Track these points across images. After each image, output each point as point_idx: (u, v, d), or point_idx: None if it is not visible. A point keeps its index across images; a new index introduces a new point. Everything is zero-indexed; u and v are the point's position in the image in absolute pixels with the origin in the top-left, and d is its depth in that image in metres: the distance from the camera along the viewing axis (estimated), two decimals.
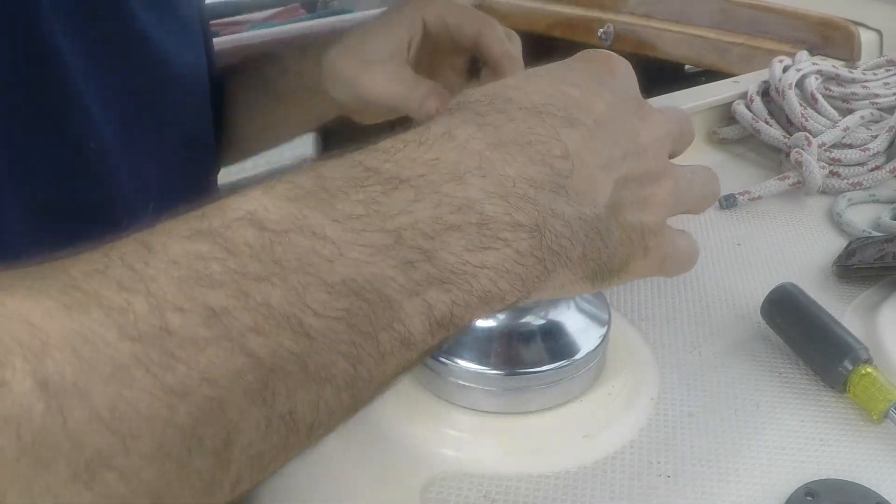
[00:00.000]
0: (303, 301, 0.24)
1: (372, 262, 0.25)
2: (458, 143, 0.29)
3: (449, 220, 0.27)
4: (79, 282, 0.23)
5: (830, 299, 0.62)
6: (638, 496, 0.46)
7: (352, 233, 0.25)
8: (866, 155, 0.81)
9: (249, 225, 0.25)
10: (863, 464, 0.48)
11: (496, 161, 0.29)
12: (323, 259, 0.25)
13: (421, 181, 0.27)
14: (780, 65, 0.92)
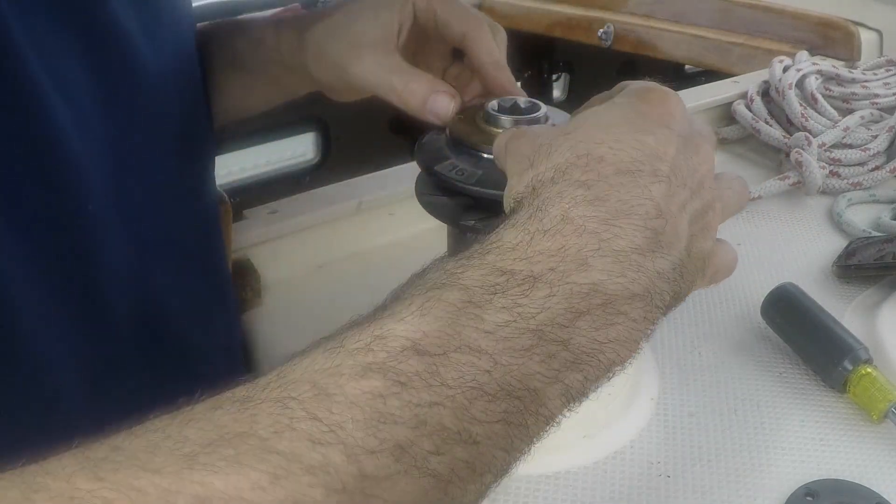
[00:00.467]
0: (469, 414, 0.27)
1: (521, 362, 0.28)
2: (576, 227, 0.31)
3: (579, 307, 0.30)
4: (272, 443, 0.24)
5: (830, 299, 0.62)
6: (638, 496, 0.46)
7: (502, 341, 0.28)
8: (866, 155, 0.81)
9: (414, 353, 0.27)
10: (863, 464, 0.48)
11: (610, 238, 0.31)
12: (481, 371, 0.27)
13: (552, 275, 0.30)
14: (780, 65, 0.92)
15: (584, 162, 0.33)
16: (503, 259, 0.30)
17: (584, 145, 0.34)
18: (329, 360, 0.27)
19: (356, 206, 0.72)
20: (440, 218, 0.47)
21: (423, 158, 0.47)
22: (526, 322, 0.29)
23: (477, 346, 0.28)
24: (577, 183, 0.33)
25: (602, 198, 0.32)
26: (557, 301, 0.30)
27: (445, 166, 0.46)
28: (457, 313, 0.28)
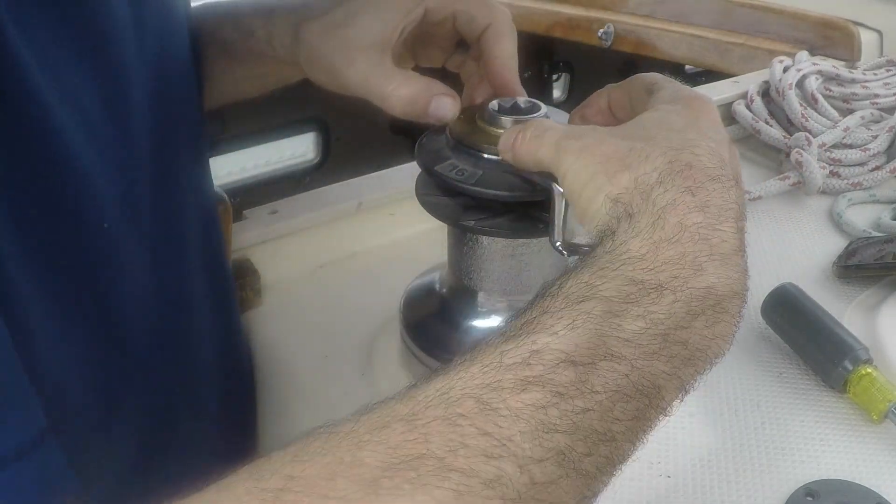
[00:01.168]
0: (612, 415, 0.30)
1: (651, 364, 0.31)
2: (692, 234, 0.34)
3: (696, 309, 0.33)
4: (449, 461, 0.26)
5: (830, 299, 0.62)
6: (638, 496, 0.46)
7: (638, 347, 0.31)
8: (866, 155, 0.81)
9: (568, 366, 0.29)
10: (863, 464, 0.48)
11: (718, 242, 0.35)
12: (622, 375, 0.30)
13: (676, 283, 0.33)
14: (780, 65, 0.92)
15: (679, 168, 0.36)
16: (634, 269, 0.33)
17: (671, 151, 0.36)
18: (488, 376, 0.29)
19: (356, 206, 0.72)
20: (440, 218, 0.47)
21: (423, 158, 0.47)
22: (656, 327, 0.32)
23: (619, 354, 0.30)
24: (685, 189, 0.35)
25: (706, 204, 0.35)
26: (680, 306, 0.33)
27: (445, 166, 0.46)
28: (601, 324, 0.31)
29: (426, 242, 0.66)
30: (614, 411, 0.30)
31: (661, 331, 0.32)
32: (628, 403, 0.30)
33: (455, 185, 0.45)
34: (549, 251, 0.49)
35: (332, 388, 0.57)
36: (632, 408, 0.30)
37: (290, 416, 0.58)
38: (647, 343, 0.31)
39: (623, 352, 0.30)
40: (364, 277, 0.69)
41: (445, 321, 0.52)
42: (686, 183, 0.35)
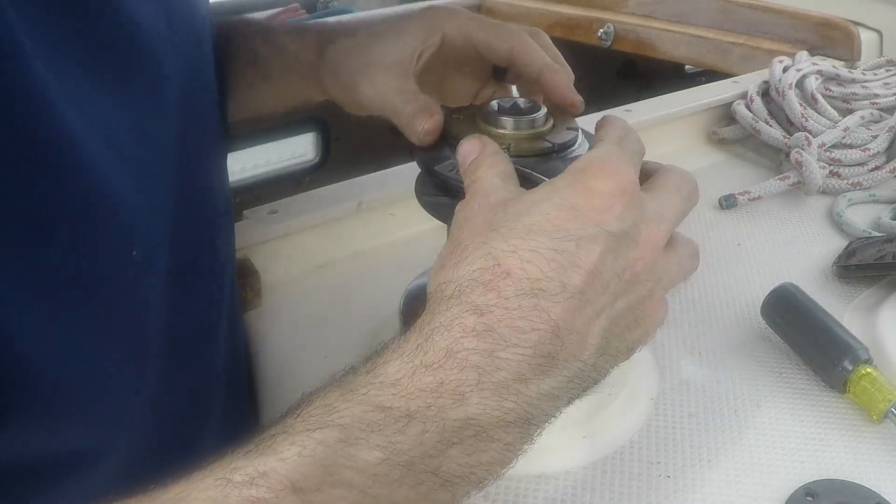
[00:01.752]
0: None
1: (389, 491, 0.31)
2: (459, 361, 0.32)
3: (451, 439, 0.32)
4: None
5: (830, 299, 0.62)
6: (638, 496, 0.46)
7: (373, 477, 0.31)
8: (866, 155, 0.81)
9: (292, 492, 0.29)
10: (863, 464, 0.48)
11: (492, 371, 0.33)
12: (351, 501, 0.30)
13: (428, 412, 0.32)
14: (780, 65, 0.92)
15: (489, 277, 0.34)
16: (383, 395, 0.32)
17: (498, 253, 0.35)
18: (218, 490, 0.29)
19: (356, 206, 0.72)
20: (440, 218, 0.47)
21: (423, 158, 0.47)
22: (398, 457, 0.31)
23: (349, 482, 0.30)
24: (472, 308, 0.33)
25: (492, 328, 0.33)
26: (430, 436, 0.32)
27: (445, 166, 0.46)
28: (333, 454, 0.30)
29: (426, 242, 0.66)
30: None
31: (404, 460, 0.31)
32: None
33: (454, 185, 0.45)
34: None
35: None
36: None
37: None
38: (385, 472, 0.31)
39: (355, 480, 0.30)
40: (364, 277, 0.69)
41: None
42: (482, 299, 0.34)
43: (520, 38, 0.51)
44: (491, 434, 0.33)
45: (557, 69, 0.50)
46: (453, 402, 0.32)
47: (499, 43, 0.51)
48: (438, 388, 0.32)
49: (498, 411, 0.33)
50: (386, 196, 0.73)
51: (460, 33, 0.51)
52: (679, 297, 0.64)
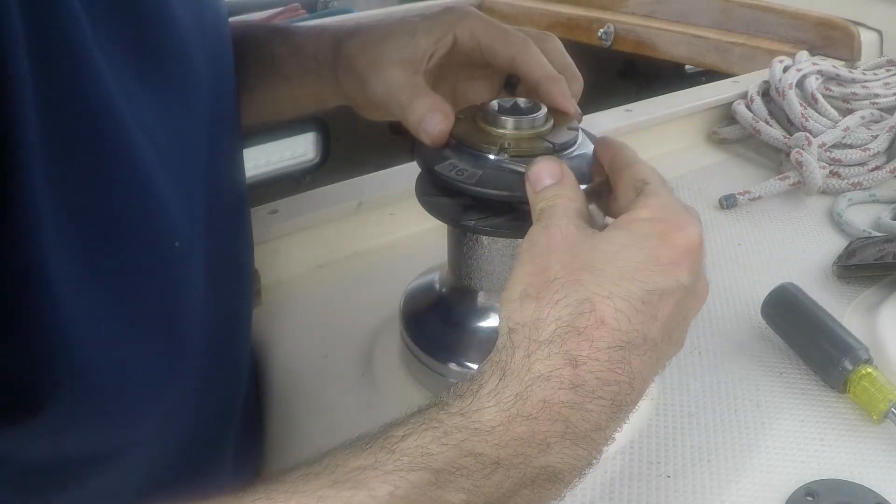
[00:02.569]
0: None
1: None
2: (552, 413, 0.34)
3: (527, 482, 0.34)
4: None
5: (830, 299, 0.62)
6: (638, 496, 0.46)
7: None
8: (866, 155, 0.81)
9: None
10: (863, 464, 0.48)
11: (578, 422, 0.34)
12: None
13: (515, 460, 0.33)
14: (780, 65, 0.92)
15: (585, 324, 0.35)
16: (478, 442, 0.33)
17: (594, 298, 0.36)
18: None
19: (356, 206, 0.72)
20: (440, 218, 0.47)
21: (423, 158, 0.47)
22: (479, 499, 0.33)
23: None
24: (569, 360, 0.35)
25: (584, 381, 0.35)
26: (512, 481, 0.34)
27: (445, 166, 0.46)
28: (423, 496, 0.32)
29: (426, 242, 0.66)
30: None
31: (482, 501, 0.33)
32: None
33: (455, 185, 0.45)
34: None
35: (332, 388, 0.57)
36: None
37: (291, 417, 0.58)
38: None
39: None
40: (364, 277, 0.69)
41: (445, 321, 0.52)
42: (577, 349, 0.35)
43: (523, 46, 0.51)
44: (560, 477, 0.35)
45: (556, 78, 0.50)
46: (539, 452, 0.34)
47: (502, 48, 0.51)
48: (531, 438, 0.34)
49: (573, 459, 0.35)
50: (386, 196, 0.73)
51: (470, 36, 0.52)
52: None
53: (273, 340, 0.63)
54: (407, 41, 0.51)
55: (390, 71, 0.50)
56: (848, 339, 0.53)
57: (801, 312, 0.56)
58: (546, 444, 0.34)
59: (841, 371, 0.51)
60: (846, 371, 0.51)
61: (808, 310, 0.56)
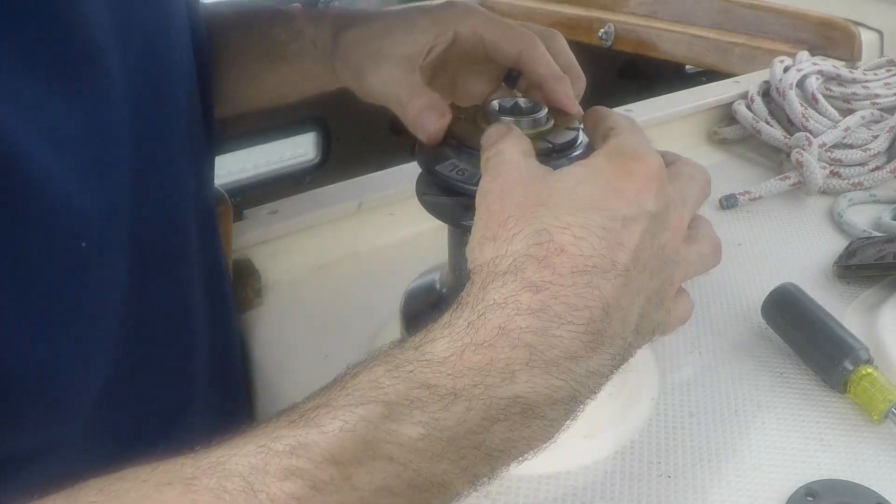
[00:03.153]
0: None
1: (431, 465, 0.31)
2: (511, 340, 0.33)
3: (497, 416, 0.32)
4: None
5: (830, 299, 0.62)
6: (638, 496, 0.46)
7: (414, 452, 0.31)
8: (867, 155, 0.81)
9: (331, 465, 0.30)
10: (863, 464, 0.48)
11: (545, 349, 0.33)
12: (392, 476, 0.31)
13: (475, 391, 0.32)
14: (780, 65, 0.92)
15: (544, 253, 0.34)
16: (429, 373, 0.32)
17: (552, 228, 0.35)
18: (258, 458, 0.30)
19: (356, 206, 0.72)
20: (440, 218, 0.47)
21: (423, 158, 0.47)
22: (440, 433, 0.32)
23: (389, 456, 0.31)
24: (528, 284, 0.34)
25: (547, 305, 0.33)
26: (475, 413, 0.32)
27: (445, 166, 0.46)
28: (375, 430, 0.31)
29: (426, 242, 0.66)
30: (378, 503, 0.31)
31: (446, 436, 0.32)
32: (398, 498, 0.31)
33: (455, 185, 0.45)
34: None
35: None
36: (404, 501, 0.31)
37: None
38: (426, 447, 0.31)
39: (394, 454, 0.31)
40: (364, 277, 0.69)
41: None
42: (538, 275, 0.34)
43: (529, 42, 0.50)
44: (537, 411, 0.33)
45: (561, 78, 0.50)
46: (502, 381, 0.32)
47: (508, 45, 0.51)
48: (487, 366, 0.32)
49: (547, 389, 0.33)
50: (386, 196, 0.73)
51: (472, 32, 0.51)
52: None
53: (273, 340, 0.63)
54: (405, 37, 0.51)
55: (387, 68, 0.50)
56: (848, 339, 0.53)
57: (801, 312, 0.56)
58: (509, 373, 0.32)
59: (841, 371, 0.51)
60: (846, 371, 0.51)
61: (808, 310, 0.56)
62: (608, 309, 0.34)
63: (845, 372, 0.51)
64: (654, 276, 0.37)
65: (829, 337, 0.53)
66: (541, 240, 0.35)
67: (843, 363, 0.51)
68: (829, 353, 0.53)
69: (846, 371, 0.51)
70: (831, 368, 0.52)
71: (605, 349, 0.35)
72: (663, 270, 0.38)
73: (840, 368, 0.51)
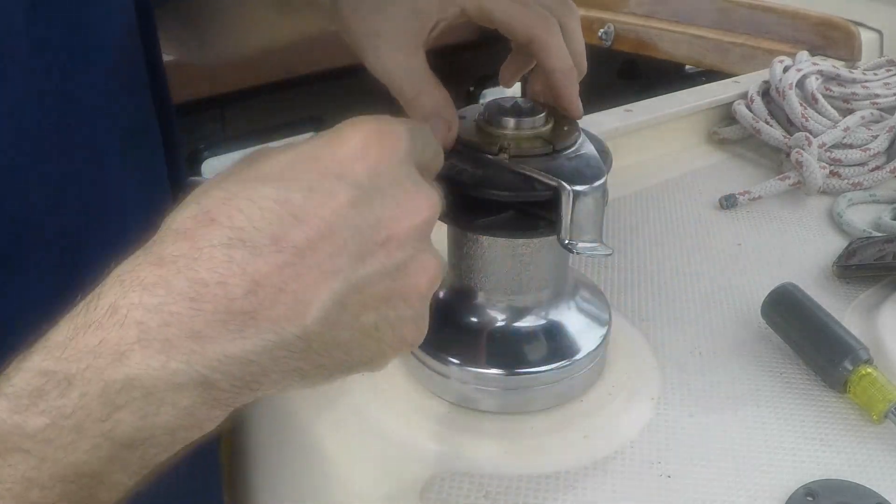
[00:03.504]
0: (29, 500, 0.29)
1: (65, 455, 0.30)
2: (120, 318, 0.30)
3: (116, 401, 0.30)
4: None
5: (830, 299, 0.62)
6: (638, 496, 0.46)
7: (44, 442, 0.29)
8: (867, 155, 0.81)
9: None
10: (863, 464, 0.48)
11: (157, 326, 0.30)
12: (31, 467, 0.29)
13: (88, 373, 0.30)
14: (780, 65, 0.92)
15: (190, 225, 0.31)
16: (49, 359, 0.30)
17: (212, 201, 0.32)
18: None
19: None
20: (440, 218, 0.47)
21: None
22: (64, 421, 0.30)
23: (24, 448, 0.29)
24: (154, 259, 0.31)
25: (166, 280, 0.30)
26: (91, 399, 0.30)
27: (445, 166, 0.46)
28: (3, 424, 0.29)
29: None
30: (29, 497, 0.29)
31: (70, 424, 0.30)
32: (47, 491, 0.30)
33: (455, 185, 0.45)
34: (549, 251, 0.49)
35: (332, 387, 0.57)
36: (56, 493, 0.30)
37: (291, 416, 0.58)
38: (53, 437, 0.30)
39: (28, 446, 0.29)
40: None
41: (445, 321, 0.52)
42: (170, 249, 0.31)
43: (544, 28, 0.46)
44: (161, 397, 0.30)
45: (570, 74, 0.47)
46: (112, 362, 0.30)
47: (520, 27, 0.47)
48: (98, 346, 0.30)
49: (163, 371, 0.30)
50: None
51: (479, 10, 0.47)
52: (679, 296, 0.64)
53: None
54: (407, 13, 0.47)
55: (387, 51, 0.47)
56: (848, 339, 0.53)
57: (801, 312, 0.56)
58: (119, 353, 0.30)
59: (841, 371, 0.51)
60: (846, 371, 0.51)
61: (808, 310, 0.56)
62: (256, 290, 0.30)
63: (845, 372, 0.51)
64: (367, 260, 0.32)
65: (828, 337, 0.54)
66: (195, 212, 0.31)
67: (843, 363, 0.51)
68: (829, 352, 0.53)
69: (846, 371, 0.51)
70: (831, 368, 0.52)
71: (256, 335, 0.31)
72: (391, 255, 0.33)
73: (840, 368, 0.52)
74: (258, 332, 0.30)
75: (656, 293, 0.64)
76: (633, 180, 0.82)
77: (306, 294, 0.31)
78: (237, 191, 0.31)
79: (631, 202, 0.79)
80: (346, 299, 0.32)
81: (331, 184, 0.32)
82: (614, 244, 0.70)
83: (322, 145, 0.33)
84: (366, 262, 0.32)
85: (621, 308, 0.62)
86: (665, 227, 0.74)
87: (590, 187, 0.43)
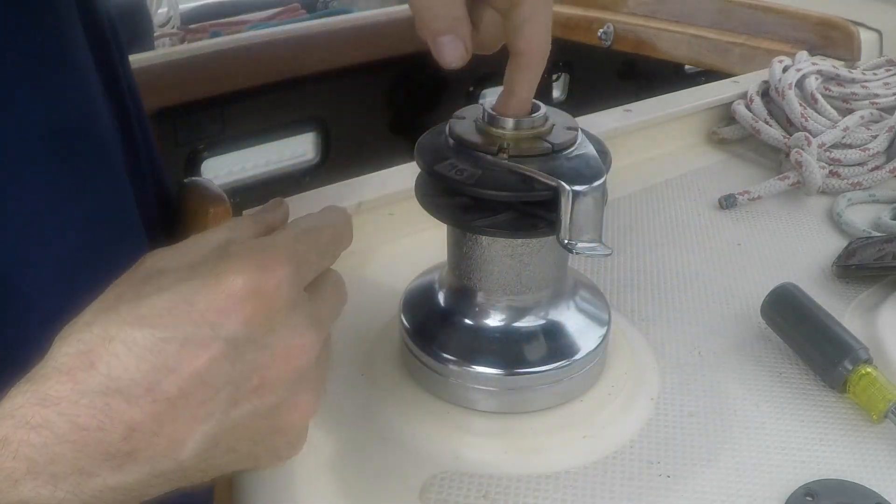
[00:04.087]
0: None
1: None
2: (11, 451, 0.31)
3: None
4: None
5: (830, 299, 0.62)
6: (638, 496, 0.46)
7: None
8: (866, 155, 0.81)
9: None
10: (863, 464, 0.48)
11: (44, 462, 0.32)
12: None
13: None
14: (779, 65, 0.92)
15: (73, 364, 0.33)
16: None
17: (96, 340, 0.33)
18: None
19: (356, 206, 0.72)
20: (440, 218, 0.47)
21: (423, 158, 0.47)
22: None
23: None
24: (39, 399, 0.32)
25: (50, 422, 0.32)
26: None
27: (445, 166, 0.46)
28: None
29: (426, 242, 0.66)
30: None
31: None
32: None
33: (455, 185, 0.45)
34: (550, 251, 0.49)
35: (332, 387, 0.57)
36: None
37: None
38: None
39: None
40: (364, 277, 0.69)
41: (445, 321, 0.52)
42: (54, 389, 0.32)
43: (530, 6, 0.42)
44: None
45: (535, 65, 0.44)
46: (8, 486, 0.32)
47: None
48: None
49: (52, 499, 0.32)
50: (386, 196, 0.73)
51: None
52: (679, 296, 0.64)
53: None
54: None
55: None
56: (848, 339, 0.53)
57: (801, 312, 0.56)
58: (13, 481, 0.32)
59: (841, 371, 0.51)
60: (846, 371, 0.51)
61: (808, 310, 0.56)
62: (132, 434, 0.32)
63: (845, 372, 0.51)
64: (240, 404, 0.34)
65: (828, 337, 0.54)
66: (79, 349, 0.33)
67: (843, 363, 0.51)
68: (829, 352, 0.53)
69: (846, 371, 0.51)
70: (831, 368, 0.52)
71: (133, 469, 0.33)
72: (262, 397, 0.35)
73: (839, 368, 0.52)
74: (136, 467, 0.33)
75: (656, 293, 0.64)
76: (632, 180, 0.82)
77: (179, 435, 0.33)
78: (115, 333, 0.33)
79: (631, 202, 0.79)
80: (219, 438, 0.34)
81: (205, 334, 0.33)
82: (614, 244, 0.70)
83: (200, 288, 0.34)
84: (238, 406, 0.34)
85: (621, 308, 0.62)
86: (665, 227, 0.74)
87: (589, 187, 0.43)
